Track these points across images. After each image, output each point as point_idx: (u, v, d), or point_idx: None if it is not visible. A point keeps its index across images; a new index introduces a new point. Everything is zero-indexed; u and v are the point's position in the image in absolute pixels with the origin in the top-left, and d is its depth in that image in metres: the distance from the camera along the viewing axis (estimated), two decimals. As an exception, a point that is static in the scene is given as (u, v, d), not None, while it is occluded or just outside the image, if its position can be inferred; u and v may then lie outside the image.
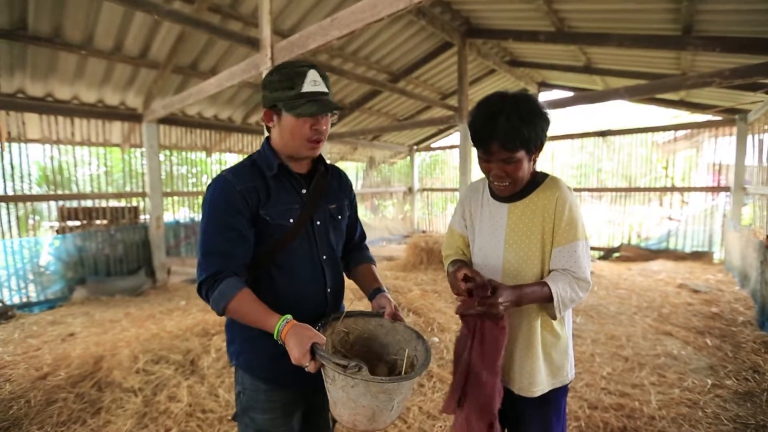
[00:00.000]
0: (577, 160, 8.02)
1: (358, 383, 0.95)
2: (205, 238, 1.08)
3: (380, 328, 1.23)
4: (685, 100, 6.16)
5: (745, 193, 5.74)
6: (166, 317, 4.04)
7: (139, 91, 5.13)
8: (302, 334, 0.97)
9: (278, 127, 1.13)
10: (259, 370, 1.17)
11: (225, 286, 1.03)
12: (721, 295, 4.37)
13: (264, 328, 1.02)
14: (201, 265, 1.07)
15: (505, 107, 1.09)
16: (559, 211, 1.19)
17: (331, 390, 1.00)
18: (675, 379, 2.65)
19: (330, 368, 0.96)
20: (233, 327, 1.20)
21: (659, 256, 6.62)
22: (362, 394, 0.96)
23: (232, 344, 1.21)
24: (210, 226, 1.08)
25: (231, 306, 1.03)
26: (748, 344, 3.13)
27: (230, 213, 1.07)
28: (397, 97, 7.19)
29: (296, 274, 1.16)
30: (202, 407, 2.35)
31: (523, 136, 1.07)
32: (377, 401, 0.97)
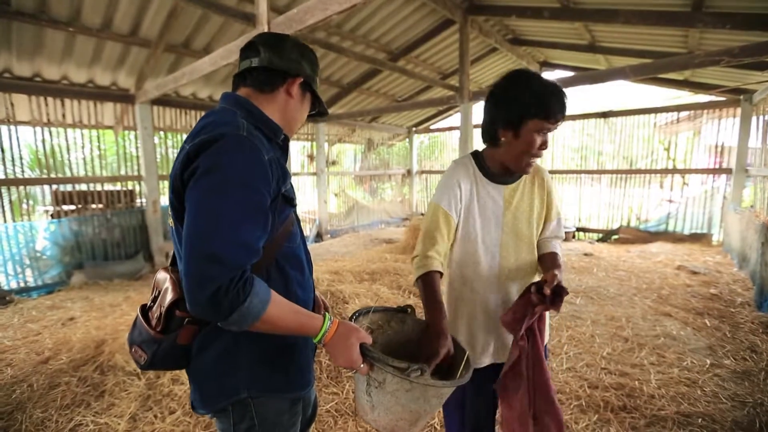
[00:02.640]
0: (578, 141, 7.93)
1: (415, 387, 0.89)
2: (224, 225, 0.75)
3: (403, 324, 1.20)
4: (689, 79, 6.05)
5: (747, 175, 5.71)
6: (166, 301, 4.04)
7: (130, 70, 4.97)
8: (351, 334, 0.87)
9: (293, 100, 1.00)
10: (288, 387, 0.97)
11: (259, 288, 0.77)
12: (719, 277, 4.39)
13: (305, 332, 0.86)
14: (219, 263, 0.73)
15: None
16: (549, 189, 1.34)
17: (374, 394, 0.92)
18: (674, 359, 2.68)
19: (386, 371, 0.87)
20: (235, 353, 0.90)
21: (658, 238, 6.63)
22: (415, 399, 0.90)
23: (233, 376, 0.90)
24: (233, 209, 0.77)
25: (267, 314, 0.78)
26: (747, 325, 3.16)
27: (260, 190, 0.81)
28: (396, 77, 7.03)
29: (301, 264, 1.01)
30: (206, 390, 2.36)
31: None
32: (428, 405, 0.94)
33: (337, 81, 6.76)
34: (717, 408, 2.14)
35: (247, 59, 0.97)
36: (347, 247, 6.58)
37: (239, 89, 0.99)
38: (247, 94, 0.96)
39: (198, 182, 0.78)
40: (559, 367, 2.64)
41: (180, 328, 0.87)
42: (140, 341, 0.90)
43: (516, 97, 1.15)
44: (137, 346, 0.90)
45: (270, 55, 0.95)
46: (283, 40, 0.98)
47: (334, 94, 7.15)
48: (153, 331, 0.87)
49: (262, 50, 0.95)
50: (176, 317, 0.86)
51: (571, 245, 6.54)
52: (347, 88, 6.94)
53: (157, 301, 0.90)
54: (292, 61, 0.97)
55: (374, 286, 3.94)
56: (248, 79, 0.97)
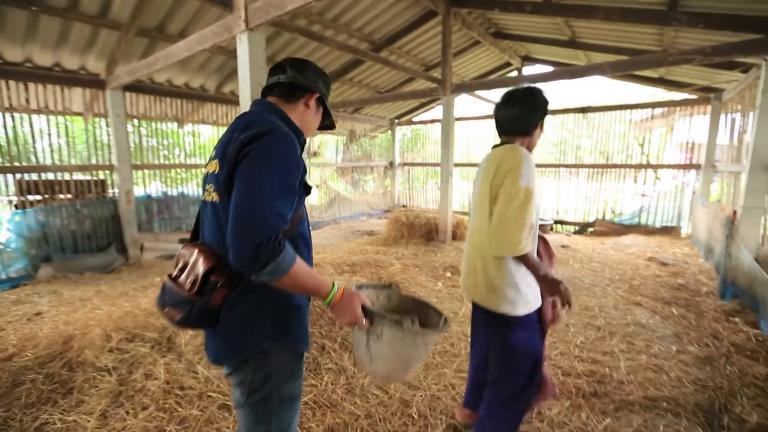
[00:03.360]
0: (557, 136, 8.09)
1: (407, 335, 1.10)
2: (267, 195, 0.95)
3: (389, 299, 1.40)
4: (664, 77, 6.23)
5: (715, 171, 5.95)
6: (141, 294, 3.91)
7: (100, 54, 4.74)
8: (354, 297, 1.09)
9: (310, 111, 1.24)
10: (298, 340, 1.15)
11: (288, 249, 0.96)
12: (686, 268, 4.59)
13: (317, 293, 1.05)
14: (263, 222, 0.92)
15: None
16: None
17: (373, 347, 1.12)
18: (643, 346, 2.79)
19: (384, 324, 1.09)
20: (259, 312, 1.07)
21: (631, 230, 6.87)
22: (407, 346, 1.11)
23: (256, 331, 1.07)
24: (273, 185, 0.97)
25: (293, 271, 0.97)
26: (710, 313, 3.32)
27: (294, 175, 1.02)
28: (379, 68, 6.97)
29: (308, 244, 1.19)
30: (180, 384, 2.31)
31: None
32: (417, 351, 1.15)
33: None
34: (681, 392, 2.24)
35: (276, 75, 1.20)
36: (328, 239, 6.54)
37: (268, 97, 1.22)
38: (275, 102, 1.19)
39: (251, 162, 0.98)
40: (534, 356, 2.71)
41: (213, 291, 1.03)
42: (172, 303, 1.06)
43: (542, 102, 1.61)
44: (170, 307, 1.07)
45: (295, 73, 1.18)
46: (306, 63, 1.23)
47: (315, 83, 7.03)
48: (188, 294, 1.03)
49: (288, 69, 1.19)
50: (210, 282, 1.03)
51: (549, 237, 6.69)
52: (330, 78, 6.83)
53: (187, 269, 1.07)
54: (311, 80, 1.21)
55: (355, 278, 3.93)
56: (275, 91, 1.20)
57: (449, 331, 2.98)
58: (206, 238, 1.14)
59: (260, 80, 2.75)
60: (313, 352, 2.66)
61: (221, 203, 1.04)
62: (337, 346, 2.77)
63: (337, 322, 2.92)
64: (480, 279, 1.60)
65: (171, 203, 5.91)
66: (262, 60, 2.77)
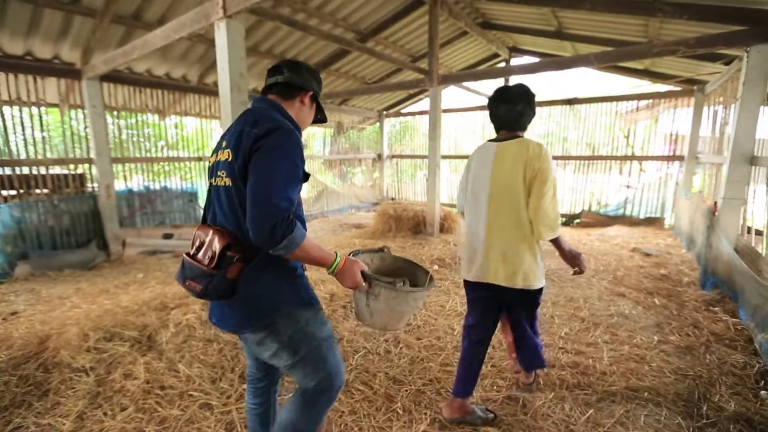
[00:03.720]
0: (545, 128, 8.10)
1: (400, 294, 1.35)
2: (279, 183, 1.11)
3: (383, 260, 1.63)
4: (649, 69, 6.27)
5: (698, 162, 6.05)
6: (122, 291, 3.83)
7: (74, 43, 4.56)
8: (354, 265, 1.28)
9: (305, 107, 1.40)
10: (310, 298, 1.33)
11: (299, 226, 1.14)
12: (669, 258, 4.67)
13: (323, 263, 1.23)
14: (277, 206, 1.09)
15: None
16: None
17: (372, 305, 1.35)
18: (625, 336, 2.82)
19: (380, 286, 1.31)
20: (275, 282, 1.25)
21: (616, 222, 6.96)
22: (400, 303, 1.36)
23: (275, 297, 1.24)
24: (283, 174, 1.13)
25: (303, 244, 1.14)
26: (691, 303, 3.38)
27: (299, 165, 1.18)
28: (365, 59, 6.87)
29: (304, 224, 1.30)
30: (161, 383, 2.26)
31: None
32: (408, 306, 1.39)
33: (306, 60, 6.50)
34: (662, 382, 2.27)
35: (274, 76, 1.34)
36: (316, 232, 6.48)
37: (268, 95, 1.35)
38: (274, 99, 1.33)
39: (263, 155, 1.12)
40: (519, 348, 2.72)
41: (229, 266, 1.16)
42: (193, 276, 1.20)
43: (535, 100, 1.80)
44: (191, 280, 1.20)
45: (291, 74, 1.33)
46: (300, 64, 1.37)
47: (301, 74, 6.90)
48: (207, 268, 1.16)
49: (285, 70, 1.33)
50: (227, 257, 1.16)
51: (536, 229, 6.74)
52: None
53: (204, 247, 1.20)
54: (305, 80, 1.36)
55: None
56: (274, 90, 1.34)
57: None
58: (219, 219, 1.26)
59: (240, 70, 2.67)
60: (298, 348, 2.63)
61: (234, 187, 1.18)
62: (323, 342, 2.74)
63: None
64: (516, 264, 1.74)
65: (154, 197, 5.77)
66: (242, 49, 2.68)
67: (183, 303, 3.14)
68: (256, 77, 6.58)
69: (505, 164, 1.72)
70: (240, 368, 2.42)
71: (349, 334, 2.87)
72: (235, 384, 2.29)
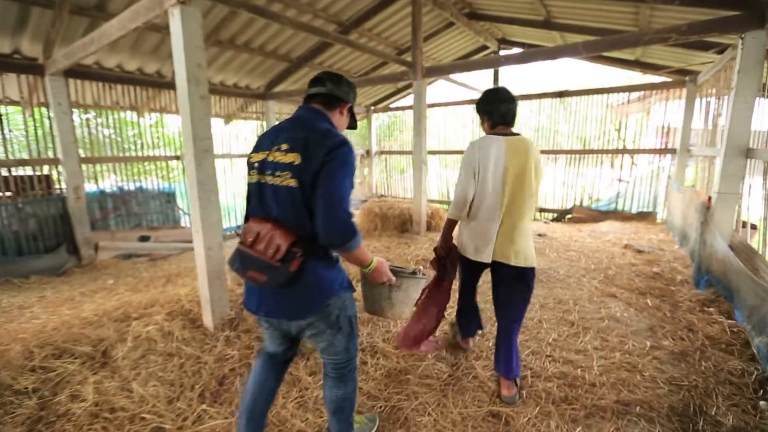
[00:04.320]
0: (535, 121, 7.92)
1: (419, 281, 1.73)
2: (346, 196, 1.31)
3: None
4: (640, 59, 6.11)
5: (690, 155, 5.91)
6: (87, 299, 3.61)
7: (34, 36, 4.29)
8: (384, 263, 1.56)
9: (343, 117, 1.56)
10: (348, 283, 1.52)
11: (358, 232, 1.34)
12: (662, 255, 4.53)
13: (364, 262, 1.46)
14: (346, 215, 1.30)
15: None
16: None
17: (393, 296, 1.64)
18: (617, 342, 2.66)
19: (403, 276, 1.67)
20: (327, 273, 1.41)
21: (608, 217, 6.82)
22: (415, 290, 1.72)
23: (328, 285, 1.41)
24: (347, 188, 1.32)
25: (358, 247, 1.37)
26: (685, 303, 3.23)
27: (354, 177, 1.39)
28: (349, 52, 6.63)
29: None
30: (111, 405, 2.06)
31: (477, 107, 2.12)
32: (416, 293, 1.74)
33: (285, 54, 6.26)
34: (655, 394, 2.11)
35: (317, 86, 1.48)
36: (300, 232, 6.27)
37: (312, 104, 1.48)
38: (320, 109, 1.47)
39: (335, 169, 1.28)
40: (504, 356, 2.55)
41: (293, 260, 1.28)
42: (256, 267, 1.32)
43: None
44: (253, 271, 1.32)
45: (333, 86, 1.49)
46: (340, 77, 1.53)
47: (282, 69, 6.65)
48: (272, 261, 1.28)
49: (327, 83, 1.48)
50: (292, 252, 1.28)
51: (527, 226, 6.59)
52: (297, 63, 6.47)
53: (264, 240, 1.31)
54: (345, 92, 1.52)
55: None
56: (317, 99, 1.48)
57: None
58: (275, 214, 1.36)
59: (198, 60, 2.45)
60: (265, 361, 2.44)
61: (300, 189, 1.30)
62: (294, 354, 2.55)
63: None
64: (524, 246, 2.01)
65: (128, 198, 5.53)
66: (199, 38, 2.46)
67: (146, 313, 2.93)
68: (236, 71, 6.33)
69: (520, 157, 1.93)
70: (201, 386, 2.23)
71: (323, 344, 2.68)
72: (194, 404, 2.09)
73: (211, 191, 2.58)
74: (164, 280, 4.06)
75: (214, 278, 2.73)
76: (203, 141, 2.51)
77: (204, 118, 2.50)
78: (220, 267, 2.76)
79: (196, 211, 2.58)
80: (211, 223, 2.64)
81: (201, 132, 2.50)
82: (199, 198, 2.53)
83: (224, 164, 7.05)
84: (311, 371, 2.37)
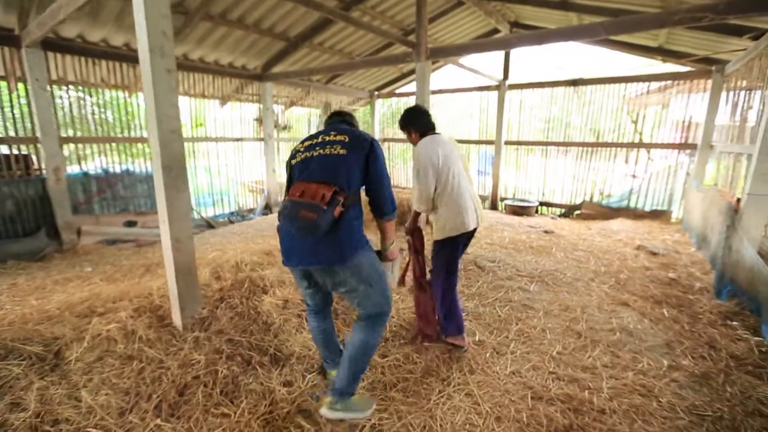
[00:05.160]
0: (546, 111, 7.50)
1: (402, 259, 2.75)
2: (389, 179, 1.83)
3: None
4: (663, 46, 5.66)
5: (712, 151, 5.51)
6: (59, 288, 3.38)
7: (8, 3, 3.98)
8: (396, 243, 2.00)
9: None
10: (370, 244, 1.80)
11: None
12: (678, 258, 4.20)
13: (391, 237, 1.92)
14: (393, 193, 1.83)
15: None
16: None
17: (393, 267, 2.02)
18: (629, 359, 2.38)
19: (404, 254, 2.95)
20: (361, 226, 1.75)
21: (620, 214, 6.47)
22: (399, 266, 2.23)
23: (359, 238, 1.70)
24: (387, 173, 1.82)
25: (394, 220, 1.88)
26: (705, 315, 2.92)
27: None
28: (352, 32, 6.25)
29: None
30: (55, 416, 1.83)
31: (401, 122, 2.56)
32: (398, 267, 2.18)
33: (283, 33, 5.90)
34: (674, 426, 1.83)
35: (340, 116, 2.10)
36: (295, 222, 6.00)
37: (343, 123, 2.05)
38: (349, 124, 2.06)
39: (379, 159, 1.77)
40: (502, 371, 2.28)
41: (336, 206, 1.58)
42: (307, 207, 1.55)
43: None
44: (305, 209, 1.55)
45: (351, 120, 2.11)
46: (351, 115, 2.14)
47: (280, 49, 6.29)
48: (320, 202, 1.55)
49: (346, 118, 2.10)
50: (335, 199, 1.59)
51: (533, 221, 6.26)
52: (295, 42, 6.10)
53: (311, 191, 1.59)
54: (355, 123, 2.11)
55: (307, 271, 3.43)
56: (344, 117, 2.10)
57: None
58: (318, 178, 1.65)
59: (163, 28, 2.14)
60: (234, 368, 2.19)
61: (347, 156, 1.70)
62: (267, 360, 2.30)
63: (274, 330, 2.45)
64: (480, 209, 2.51)
65: (114, 182, 5.27)
66: (165, 5, 2.14)
67: (112, 308, 2.69)
68: (231, 50, 5.99)
69: (457, 149, 2.47)
70: (159, 396, 1.99)
71: (302, 349, 2.43)
72: (148, 418, 1.85)
73: (178, 177, 2.30)
74: (143, 269, 3.82)
75: (184, 273, 2.47)
76: (169, 121, 2.22)
77: (170, 94, 2.20)
78: (191, 261, 2.50)
79: (162, 200, 2.31)
80: (180, 214, 2.36)
81: (167, 110, 2.21)
82: (165, 185, 2.26)
83: (218, 147, 6.76)
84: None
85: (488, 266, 3.87)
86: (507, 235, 5.13)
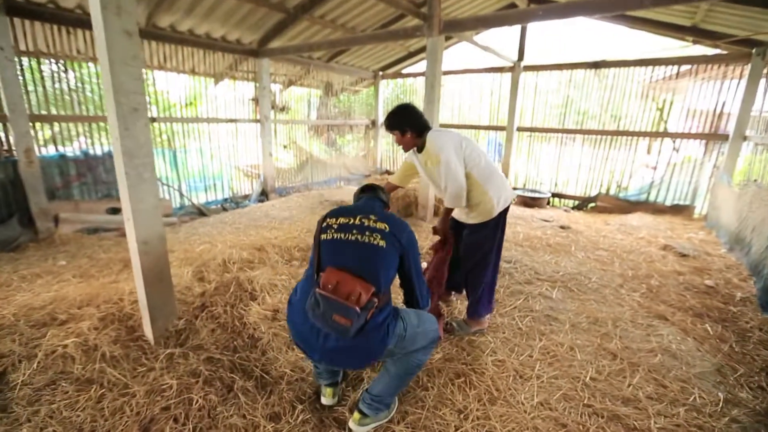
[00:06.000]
0: (563, 95, 6.99)
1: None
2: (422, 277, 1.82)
3: None
4: (698, 25, 5.14)
5: (746, 143, 5.06)
6: (25, 286, 3.02)
7: (-36, -41, 3.48)
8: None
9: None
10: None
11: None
12: (710, 261, 3.82)
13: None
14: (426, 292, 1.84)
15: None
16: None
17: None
18: (678, 390, 2.02)
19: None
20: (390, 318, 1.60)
21: (638, 208, 6.07)
22: None
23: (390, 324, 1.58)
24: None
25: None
26: (755, 333, 2.57)
27: None
28: (357, 3, 5.70)
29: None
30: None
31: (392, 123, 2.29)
32: None
33: (281, 3, 5.36)
34: (748, 488, 1.49)
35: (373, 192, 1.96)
36: (290, 210, 5.60)
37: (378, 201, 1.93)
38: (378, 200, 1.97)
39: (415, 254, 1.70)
40: (528, 401, 1.93)
41: (370, 309, 1.46)
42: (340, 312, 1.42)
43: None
44: (338, 314, 1.43)
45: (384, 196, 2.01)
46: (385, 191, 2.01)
47: (277, 21, 5.76)
48: (356, 307, 1.41)
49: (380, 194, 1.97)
50: (371, 302, 1.46)
51: (546, 213, 5.87)
52: (293, 14, 5.57)
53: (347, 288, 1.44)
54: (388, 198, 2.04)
55: (301, 271, 3.07)
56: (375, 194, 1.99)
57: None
58: (352, 266, 1.52)
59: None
60: (212, 397, 1.84)
61: (386, 249, 1.56)
62: (252, 385, 1.94)
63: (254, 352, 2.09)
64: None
65: (95, 165, 4.85)
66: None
67: (75, 315, 2.33)
68: (224, 22, 5.47)
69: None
70: (122, 429, 1.64)
71: (293, 371, 2.07)
72: (102, 464, 1.51)
73: (142, 165, 1.89)
74: (121, 265, 3.45)
75: (156, 281, 2.10)
76: (130, 96, 1.80)
77: (131, 63, 1.78)
78: (163, 265, 2.12)
79: (125, 194, 1.91)
80: (147, 208, 1.97)
81: (127, 84, 1.79)
82: (127, 174, 1.85)
83: (211, 129, 6.30)
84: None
85: (504, 267, 3.51)
86: (521, 231, 4.75)
